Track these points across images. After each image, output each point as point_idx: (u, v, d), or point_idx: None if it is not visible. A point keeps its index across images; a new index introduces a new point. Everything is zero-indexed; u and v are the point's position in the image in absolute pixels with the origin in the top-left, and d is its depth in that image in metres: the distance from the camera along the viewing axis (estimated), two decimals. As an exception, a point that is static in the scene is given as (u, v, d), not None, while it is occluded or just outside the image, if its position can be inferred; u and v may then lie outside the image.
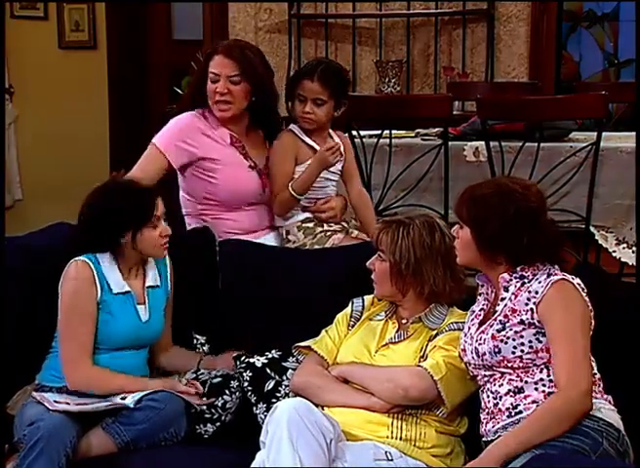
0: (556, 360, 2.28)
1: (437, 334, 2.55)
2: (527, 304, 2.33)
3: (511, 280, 2.38)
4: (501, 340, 2.34)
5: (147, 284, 2.76)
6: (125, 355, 2.70)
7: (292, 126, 3.30)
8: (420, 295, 2.57)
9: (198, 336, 2.91)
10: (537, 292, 2.32)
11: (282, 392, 2.67)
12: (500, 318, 2.37)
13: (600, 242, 3.81)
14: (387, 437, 2.42)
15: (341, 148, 3.32)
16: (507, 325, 2.34)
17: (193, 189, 3.23)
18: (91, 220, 2.70)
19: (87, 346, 2.64)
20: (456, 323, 2.55)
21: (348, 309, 2.71)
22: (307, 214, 3.26)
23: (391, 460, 2.36)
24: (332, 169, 3.30)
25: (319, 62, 3.31)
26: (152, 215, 2.69)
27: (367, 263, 2.63)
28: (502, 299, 2.38)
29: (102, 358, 2.67)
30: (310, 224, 3.24)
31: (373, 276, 2.62)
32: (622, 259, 3.80)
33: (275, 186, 3.22)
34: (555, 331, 2.29)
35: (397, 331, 2.59)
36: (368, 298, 2.71)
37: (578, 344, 2.27)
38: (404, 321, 2.61)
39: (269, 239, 3.24)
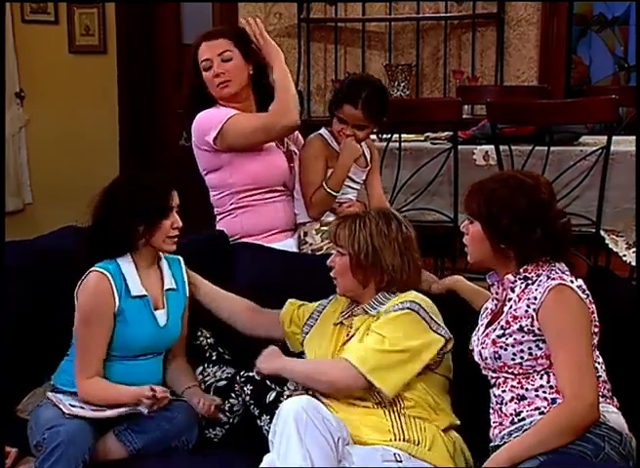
0: (558, 368, 2.26)
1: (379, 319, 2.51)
2: (527, 311, 2.32)
3: (516, 281, 2.37)
4: (501, 346, 2.34)
5: (166, 287, 2.71)
6: (141, 364, 2.66)
7: (322, 131, 3.29)
8: (378, 285, 2.55)
9: (203, 330, 2.86)
10: (535, 299, 2.30)
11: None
12: (502, 323, 2.36)
13: (610, 246, 3.80)
14: (391, 440, 2.41)
15: (368, 156, 3.34)
16: (508, 331, 2.33)
17: (233, 175, 3.17)
18: (107, 217, 2.62)
19: (98, 361, 2.60)
20: (402, 302, 2.50)
21: (308, 310, 2.73)
22: (333, 217, 3.19)
23: (400, 462, 2.35)
24: (355, 178, 3.31)
25: (363, 85, 3.20)
26: (169, 207, 2.64)
27: (327, 262, 2.62)
28: (510, 299, 2.38)
29: (119, 367, 2.63)
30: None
31: (332, 273, 2.61)
32: (633, 263, 3.79)
33: (309, 189, 3.21)
34: (555, 337, 2.27)
35: (348, 335, 2.59)
36: (334, 300, 2.70)
37: (580, 350, 2.25)
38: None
39: (289, 244, 3.23)
